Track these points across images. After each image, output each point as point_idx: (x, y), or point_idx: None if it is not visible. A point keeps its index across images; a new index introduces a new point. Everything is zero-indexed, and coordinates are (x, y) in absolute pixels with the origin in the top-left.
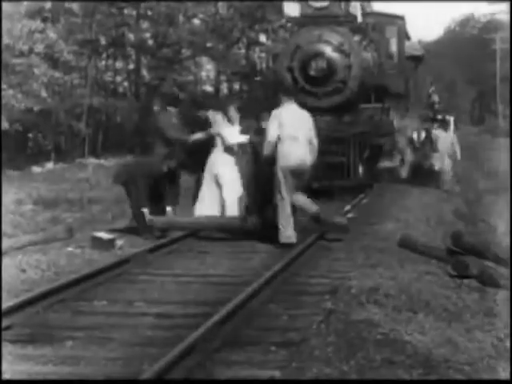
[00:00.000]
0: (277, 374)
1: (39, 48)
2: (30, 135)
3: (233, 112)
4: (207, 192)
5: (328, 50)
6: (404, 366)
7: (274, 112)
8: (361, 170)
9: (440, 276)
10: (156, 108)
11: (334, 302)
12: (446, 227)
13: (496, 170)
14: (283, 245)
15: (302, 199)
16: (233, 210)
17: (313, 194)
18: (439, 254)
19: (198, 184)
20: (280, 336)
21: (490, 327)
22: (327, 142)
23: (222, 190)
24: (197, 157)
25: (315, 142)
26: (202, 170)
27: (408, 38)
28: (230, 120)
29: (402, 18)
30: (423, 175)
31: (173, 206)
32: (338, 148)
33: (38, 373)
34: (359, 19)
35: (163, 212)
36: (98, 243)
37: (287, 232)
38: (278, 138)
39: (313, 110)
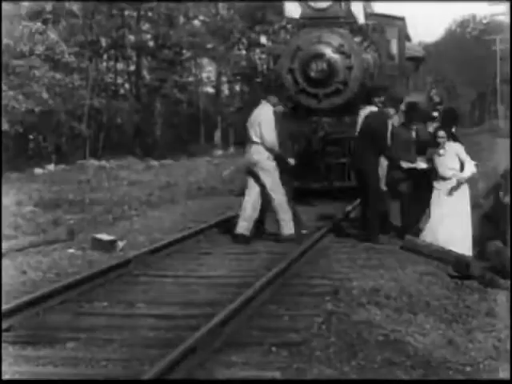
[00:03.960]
0: (277, 375)
1: (40, 49)
2: (31, 137)
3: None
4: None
5: (328, 52)
6: (404, 367)
7: None
8: None
9: (441, 277)
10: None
11: (335, 303)
12: None
13: (496, 171)
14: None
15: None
16: None
17: (313, 195)
18: (441, 255)
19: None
20: (281, 337)
21: (491, 328)
22: (328, 143)
23: None
24: None
25: (265, 136)
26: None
27: (408, 39)
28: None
29: (402, 19)
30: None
31: None
32: (338, 149)
33: (39, 374)
34: (362, 20)
35: None
36: (98, 245)
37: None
38: None
39: (313, 112)
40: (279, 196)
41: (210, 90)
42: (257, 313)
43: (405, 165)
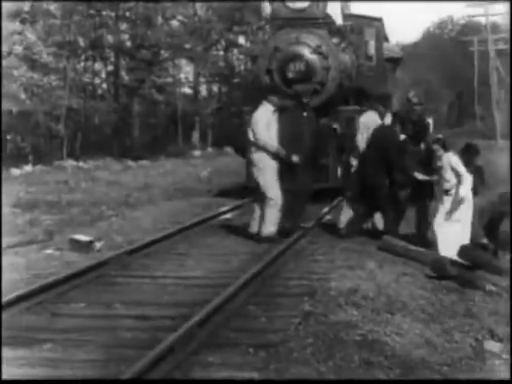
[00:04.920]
0: (255, 376)
1: (18, 49)
2: (9, 137)
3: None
4: None
5: (306, 52)
6: (382, 367)
7: None
8: (339, 172)
9: (418, 277)
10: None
11: (313, 303)
12: None
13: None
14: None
15: None
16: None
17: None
18: (418, 255)
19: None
20: (258, 338)
21: (468, 328)
22: None
23: None
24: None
25: (257, 135)
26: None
27: (386, 40)
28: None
29: (380, 20)
30: None
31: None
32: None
33: (15, 375)
34: (340, 21)
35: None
36: (76, 245)
37: None
38: None
39: None
40: (272, 195)
41: (188, 90)
42: (234, 314)
43: (420, 177)
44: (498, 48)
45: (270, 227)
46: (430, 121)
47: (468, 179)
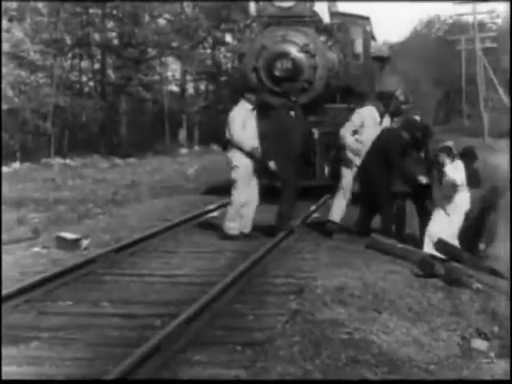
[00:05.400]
0: (242, 374)
1: (5, 47)
2: None
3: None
4: None
5: (293, 51)
6: (369, 365)
7: None
8: (326, 170)
9: (405, 275)
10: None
11: (300, 302)
12: None
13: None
14: None
15: None
16: None
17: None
18: (406, 254)
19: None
20: (245, 336)
21: (455, 326)
22: None
23: None
24: None
25: (232, 133)
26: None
27: (374, 38)
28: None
29: (367, 19)
30: None
31: None
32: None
33: (2, 373)
34: (327, 19)
35: None
36: (63, 243)
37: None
38: None
39: None
40: (239, 196)
41: (175, 88)
42: (221, 312)
43: (424, 180)
44: (485, 46)
45: (230, 223)
46: (417, 118)
47: (463, 179)
